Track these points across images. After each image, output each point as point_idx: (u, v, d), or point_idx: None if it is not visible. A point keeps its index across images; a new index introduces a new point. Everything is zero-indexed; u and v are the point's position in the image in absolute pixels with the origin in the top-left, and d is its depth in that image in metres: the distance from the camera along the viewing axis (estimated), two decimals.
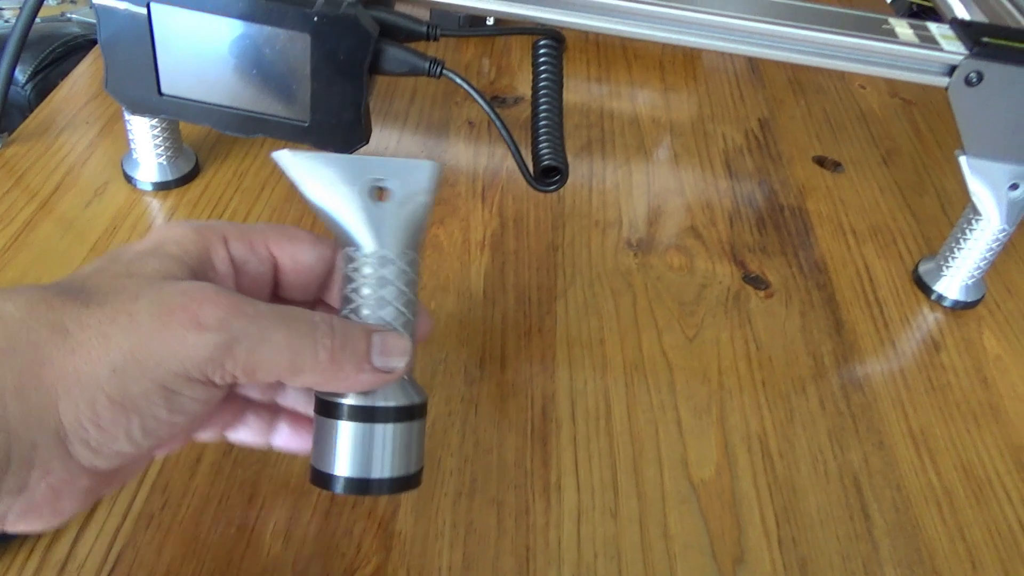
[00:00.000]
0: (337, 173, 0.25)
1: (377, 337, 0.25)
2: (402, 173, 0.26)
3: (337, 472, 0.26)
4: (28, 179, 0.47)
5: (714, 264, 0.49)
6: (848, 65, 0.42)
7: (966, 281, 0.48)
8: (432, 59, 0.38)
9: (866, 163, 0.60)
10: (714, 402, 0.41)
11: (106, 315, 0.22)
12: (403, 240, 0.26)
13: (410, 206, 0.26)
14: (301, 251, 0.27)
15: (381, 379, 0.25)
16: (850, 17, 0.42)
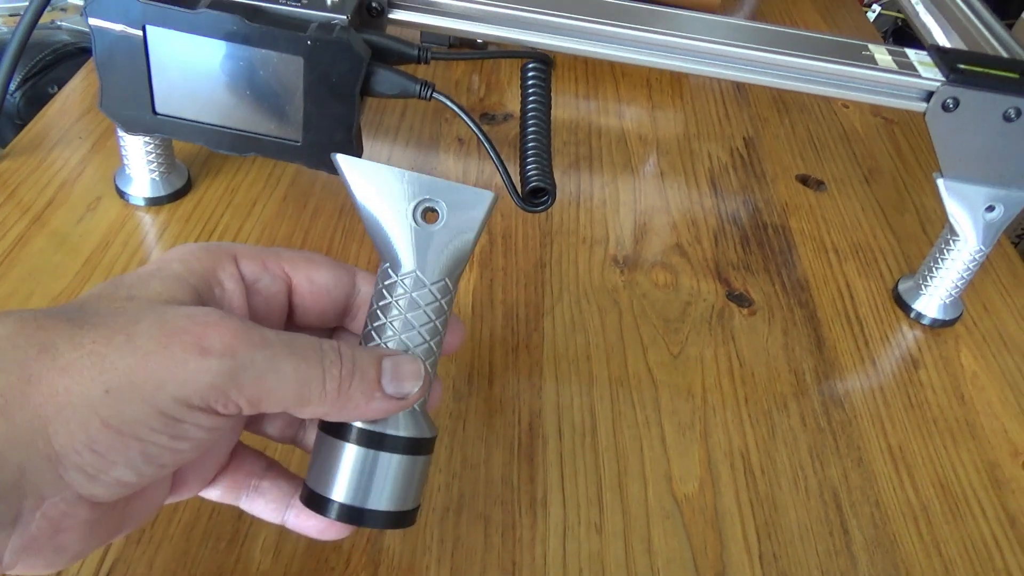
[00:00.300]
0: (391, 185, 0.25)
1: (388, 362, 0.24)
2: (456, 199, 0.25)
3: (333, 496, 0.25)
4: (21, 194, 0.47)
5: (699, 282, 0.50)
6: (829, 90, 0.43)
7: (944, 300, 0.49)
8: (423, 82, 0.39)
9: (848, 182, 0.61)
10: (698, 418, 0.42)
11: (101, 335, 0.21)
12: (441, 267, 0.26)
13: (456, 233, 0.26)
14: (318, 273, 0.26)
15: (393, 406, 0.24)
16: (831, 43, 0.43)
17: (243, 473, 0.27)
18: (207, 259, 0.24)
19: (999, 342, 0.50)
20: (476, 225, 0.26)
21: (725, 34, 0.43)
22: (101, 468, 0.21)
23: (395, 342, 0.26)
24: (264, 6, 0.37)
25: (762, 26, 0.44)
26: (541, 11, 0.42)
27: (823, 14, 0.84)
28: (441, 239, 0.25)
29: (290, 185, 0.51)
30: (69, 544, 0.22)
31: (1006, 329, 0.51)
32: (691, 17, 0.44)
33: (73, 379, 0.20)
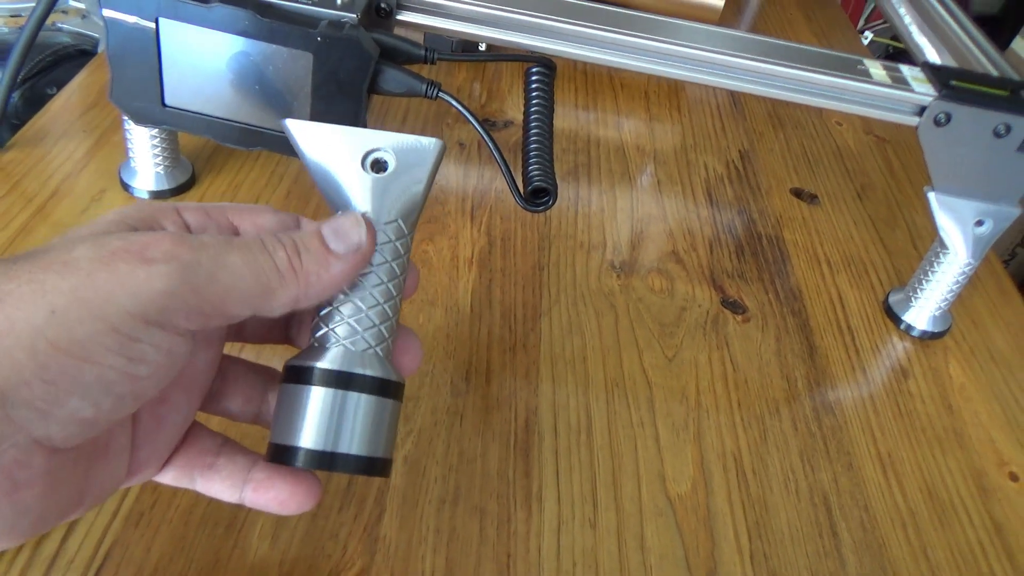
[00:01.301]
0: (341, 141, 0.26)
1: (327, 227, 0.25)
2: (403, 148, 0.26)
3: (301, 443, 0.24)
4: (24, 185, 0.47)
5: (694, 288, 0.51)
6: (824, 102, 0.44)
7: (933, 312, 0.50)
8: (429, 81, 0.40)
9: (841, 197, 0.62)
10: (691, 420, 0.42)
11: (37, 266, 0.20)
12: (393, 208, 0.26)
13: (405, 180, 0.26)
14: (262, 218, 0.26)
15: (353, 263, 0.25)
16: (827, 57, 0.44)
17: (196, 451, 0.26)
18: (147, 210, 0.24)
19: (986, 355, 0.51)
20: (426, 172, 0.27)
21: (723, 44, 0.44)
22: (54, 400, 0.19)
23: (352, 286, 0.26)
24: (275, 2, 0.38)
25: (760, 38, 0.45)
26: (545, 16, 0.43)
27: (819, 36, 0.86)
28: (392, 186, 0.26)
29: (293, 182, 0.52)
30: (31, 503, 0.20)
31: (993, 342, 0.52)
32: (690, 27, 0.45)
33: (14, 307, 0.19)
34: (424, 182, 0.27)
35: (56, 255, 0.20)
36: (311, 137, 0.26)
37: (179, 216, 0.25)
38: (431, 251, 0.49)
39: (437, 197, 0.54)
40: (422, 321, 0.45)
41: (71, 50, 1.33)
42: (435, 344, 0.43)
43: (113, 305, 0.19)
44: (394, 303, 0.27)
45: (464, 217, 0.52)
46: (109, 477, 0.23)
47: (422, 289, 0.47)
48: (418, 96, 0.40)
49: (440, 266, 0.48)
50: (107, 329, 0.19)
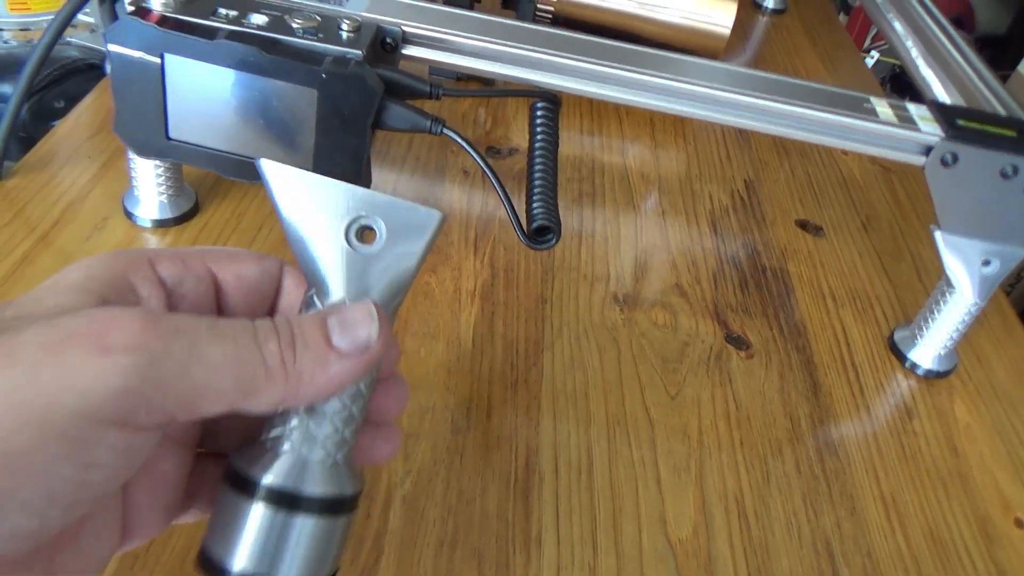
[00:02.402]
0: (323, 198, 0.22)
1: (334, 318, 0.21)
2: (396, 217, 0.23)
3: (234, 566, 0.21)
4: (28, 212, 0.47)
5: (697, 322, 0.50)
6: (831, 140, 0.44)
7: (939, 351, 0.50)
8: (433, 117, 0.40)
9: (846, 228, 0.62)
10: (693, 460, 0.42)
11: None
12: (373, 292, 0.23)
13: (396, 258, 0.23)
14: (244, 267, 0.24)
15: (356, 365, 0.21)
16: (834, 94, 0.44)
17: (206, 499, 0.24)
18: (116, 265, 0.21)
19: (991, 394, 0.50)
20: (419, 249, 0.23)
21: (729, 81, 0.43)
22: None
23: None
24: (281, 39, 0.38)
25: (765, 75, 0.45)
26: (549, 52, 0.43)
27: (824, 60, 0.86)
28: (378, 264, 0.23)
29: None
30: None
31: (998, 381, 0.51)
32: (696, 63, 0.45)
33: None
34: (416, 260, 0.23)
35: (3, 339, 0.17)
36: (289, 186, 0.23)
37: (152, 270, 0.22)
38: (434, 283, 0.49)
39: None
40: (423, 355, 0.44)
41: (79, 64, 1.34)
42: (436, 379, 0.43)
43: (59, 408, 0.17)
44: (363, 403, 0.23)
45: (467, 248, 0.52)
46: (88, 558, 0.21)
47: (424, 322, 0.46)
48: (423, 132, 0.40)
49: (443, 298, 0.48)
50: (52, 436, 0.17)
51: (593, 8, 0.67)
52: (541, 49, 0.43)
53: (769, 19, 0.93)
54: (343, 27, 0.39)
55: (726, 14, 0.67)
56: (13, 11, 1.32)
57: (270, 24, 0.38)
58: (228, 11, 0.38)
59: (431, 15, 0.42)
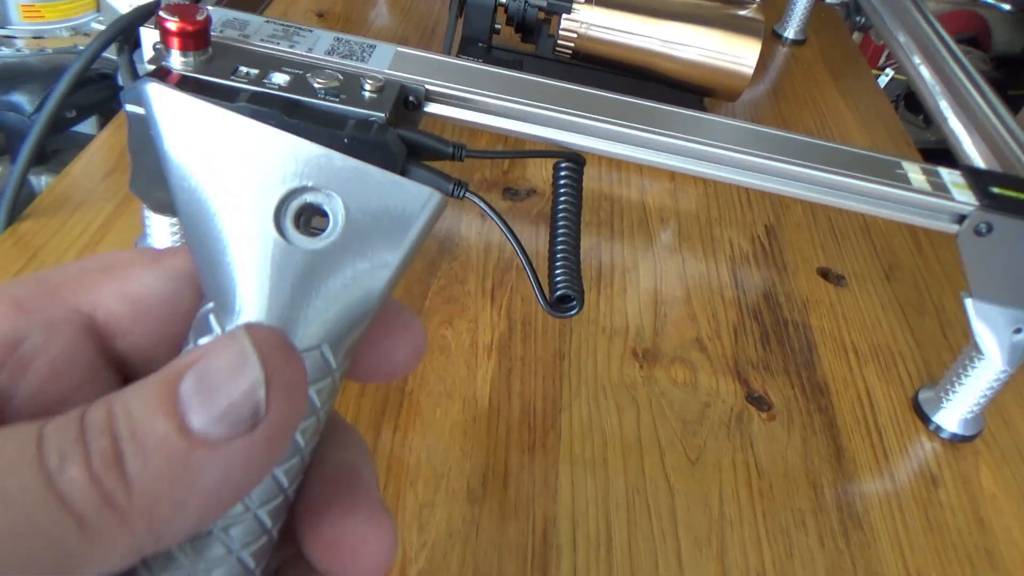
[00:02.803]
0: (242, 149, 0.14)
1: (188, 379, 0.13)
2: (365, 196, 0.14)
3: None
4: (42, 258, 0.47)
5: (718, 380, 0.49)
6: (861, 207, 0.43)
7: (965, 415, 0.49)
8: (456, 181, 0.39)
9: (869, 278, 0.61)
10: (714, 533, 0.41)
11: None
12: (320, 321, 0.14)
13: (357, 261, 0.15)
14: (133, 280, 0.16)
15: (249, 451, 0.13)
16: (864, 159, 0.43)
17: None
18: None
19: (1018, 459, 0.49)
20: (400, 252, 0.15)
21: (759, 145, 0.42)
22: None
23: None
24: (304, 100, 0.37)
25: (795, 137, 0.44)
26: (576, 113, 0.42)
27: (844, 96, 0.84)
28: (328, 268, 0.14)
29: None
30: None
31: None
32: (725, 124, 0.44)
33: None
34: (392, 270, 0.15)
35: None
36: (186, 124, 0.14)
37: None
38: (450, 336, 0.48)
39: (457, 275, 0.52)
40: (439, 416, 0.44)
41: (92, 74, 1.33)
42: (452, 443, 0.42)
43: None
44: (292, 490, 0.16)
45: (484, 298, 0.51)
46: None
47: (440, 380, 0.45)
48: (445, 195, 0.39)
49: (459, 353, 0.47)
50: None
51: (614, 45, 0.66)
52: (567, 109, 0.42)
53: (789, 50, 0.92)
54: (366, 87, 0.38)
55: (750, 53, 0.66)
56: (27, 19, 1.32)
57: (292, 84, 0.37)
58: (249, 70, 0.38)
59: (455, 72, 0.41)
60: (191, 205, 0.15)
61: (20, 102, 1.33)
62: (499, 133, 0.43)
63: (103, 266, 0.16)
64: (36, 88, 1.37)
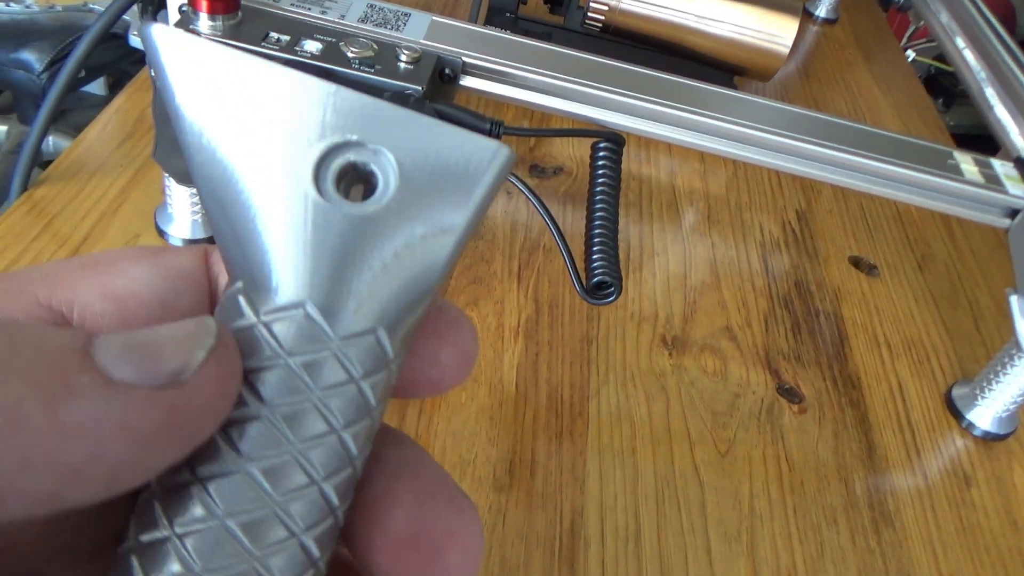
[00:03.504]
0: (271, 97, 0.12)
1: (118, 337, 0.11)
2: (420, 150, 0.12)
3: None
4: (58, 225, 0.45)
5: (748, 371, 0.48)
6: (908, 197, 0.41)
7: (1000, 413, 0.47)
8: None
9: (901, 268, 0.59)
10: (744, 529, 0.40)
11: None
12: (372, 301, 0.12)
13: (415, 227, 0.12)
14: (121, 277, 0.14)
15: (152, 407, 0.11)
16: (915, 147, 0.41)
17: None
18: None
19: None
20: (467, 212, 0.12)
21: (802, 128, 0.41)
22: None
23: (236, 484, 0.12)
24: (338, 70, 0.35)
25: (843, 122, 0.42)
26: (611, 89, 0.40)
27: (878, 81, 0.82)
28: (380, 236, 0.12)
29: None
30: None
31: None
32: (772, 107, 0.42)
33: None
34: (456, 236, 0.13)
35: None
36: (200, 72, 0.12)
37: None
38: (476, 318, 0.47)
39: (483, 254, 0.51)
40: (464, 400, 0.42)
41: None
42: (478, 429, 0.41)
43: None
44: (343, 511, 0.13)
45: (511, 279, 0.50)
46: None
47: None
48: None
49: (485, 337, 0.46)
50: None
51: (646, 19, 0.64)
52: (605, 86, 0.40)
53: (820, 29, 0.90)
54: (401, 58, 0.36)
55: (787, 32, 0.64)
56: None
57: (324, 53, 0.36)
58: (280, 36, 0.36)
59: (493, 44, 0.40)
60: (210, 167, 0.12)
61: (29, 60, 1.31)
62: (528, 107, 0.41)
63: (88, 262, 0.14)
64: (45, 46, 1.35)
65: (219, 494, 0.12)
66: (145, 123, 0.53)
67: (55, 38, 1.31)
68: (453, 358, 0.15)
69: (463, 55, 0.39)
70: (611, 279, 0.37)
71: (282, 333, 0.12)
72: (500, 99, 0.41)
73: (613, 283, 0.37)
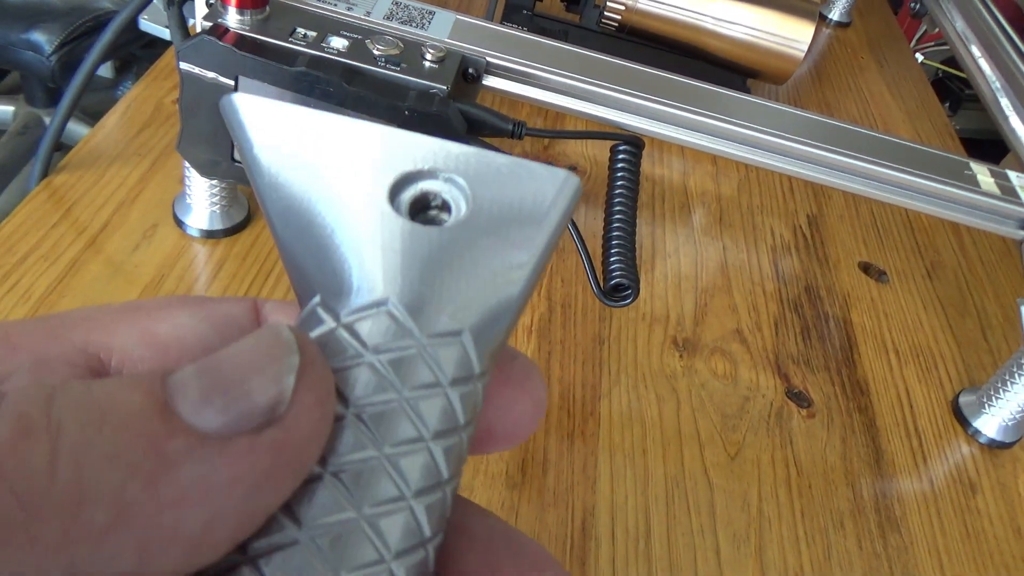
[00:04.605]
0: (347, 150, 0.13)
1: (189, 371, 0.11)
2: (488, 181, 0.13)
3: None
4: (76, 213, 0.45)
5: (758, 375, 0.49)
6: (923, 206, 0.41)
7: (1006, 422, 0.48)
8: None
9: (910, 275, 0.60)
10: (753, 531, 0.41)
11: None
12: (455, 304, 0.12)
13: (493, 248, 0.13)
14: (164, 323, 0.13)
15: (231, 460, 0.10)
16: (932, 157, 0.42)
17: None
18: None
19: None
20: (546, 234, 0.13)
21: (829, 139, 0.41)
22: None
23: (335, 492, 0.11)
24: (363, 68, 0.36)
25: (856, 129, 0.43)
26: (639, 95, 0.41)
27: (890, 86, 0.82)
28: (458, 246, 0.13)
29: None
30: None
31: None
32: (791, 113, 0.43)
33: None
34: (537, 255, 0.13)
35: None
36: (280, 131, 0.13)
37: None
38: None
39: None
40: None
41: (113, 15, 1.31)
42: None
43: None
44: (434, 545, 0.13)
45: None
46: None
47: None
48: None
49: None
50: None
51: (663, 20, 0.64)
52: (626, 89, 0.40)
53: (833, 32, 0.90)
54: (427, 57, 0.37)
55: (803, 36, 0.64)
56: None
57: (351, 51, 0.36)
58: (307, 32, 0.36)
59: (516, 44, 0.40)
60: (286, 206, 0.13)
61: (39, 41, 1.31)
62: (545, 107, 0.42)
63: (131, 307, 0.13)
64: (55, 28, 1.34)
65: (301, 510, 0.11)
66: (163, 113, 0.53)
67: (65, 20, 1.30)
68: (528, 407, 0.15)
69: (487, 55, 0.39)
70: (629, 282, 0.37)
71: (365, 331, 0.12)
72: (519, 99, 0.41)
73: (631, 286, 0.38)
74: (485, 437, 0.15)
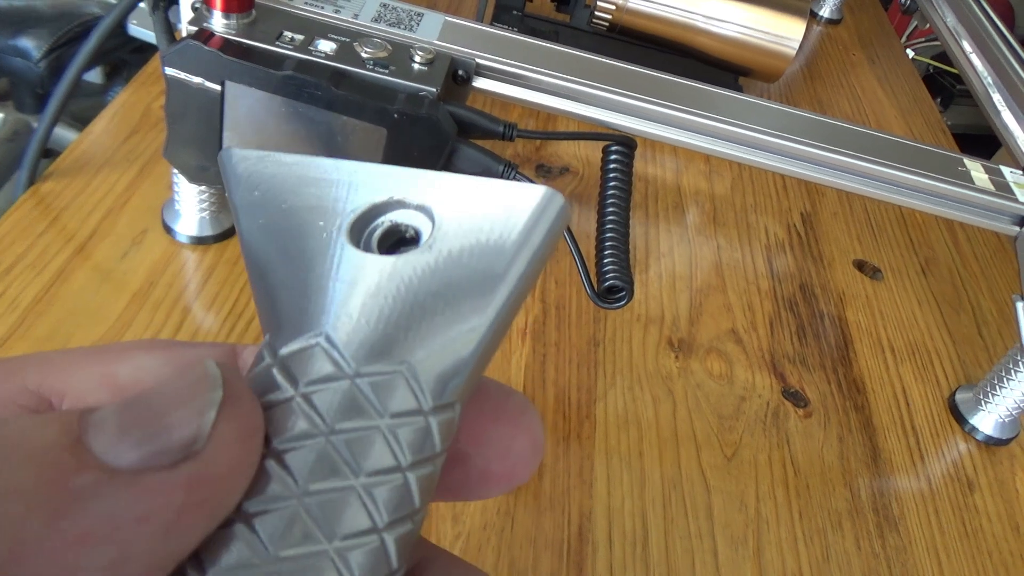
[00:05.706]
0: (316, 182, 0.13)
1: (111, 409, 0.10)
2: (460, 205, 0.12)
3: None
4: (64, 220, 0.45)
5: (754, 374, 0.48)
6: (917, 203, 0.41)
7: (1003, 419, 0.48)
8: (506, 163, 0.37)
9: (905, 272, 0.59)
10: (751, 532, 0.40)
11: None
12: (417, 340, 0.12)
13: (465, 277, 0.12)
14: (126, 365, 0.13)
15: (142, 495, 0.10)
16: (926, 154, 0.42)
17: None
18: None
19: None
20: (521, 263, 0.12)
21: (821, 136, 0.41)
22: None
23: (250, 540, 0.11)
24: (352, 71, 0.35)
25: (849, 126, 0.43)
26: (630, 95, 0.40)
27: (882, 83, 0.82)
28: (411, 282, 0.12)
29: None
30: None
31: None
32: (788, 113, 0.42)
33: None
34: (511, 285, 0.12)
35: None
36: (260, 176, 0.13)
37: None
38: None
39: None
40: None
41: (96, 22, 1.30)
42: None
43: None
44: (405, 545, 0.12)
45: None
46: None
47: None
48: (494, 176, 0.37)
49: None
50: None
51: (654, 19, 0.64)
52: (618, 90, 0.40)
53: (824, 29, 0.90)
54: (415, 59, 0.36)
55: (794, 34, 0.64)
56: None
57: (339, 53, 0.35)
58: (294, 35, 0.36)
59: (507, 46, 0.40)
60: (255, 249, 0.13)
61: (27, 47, 1.30)
62: (536, 109, 0.41)
63: (94, 350, 0.13)
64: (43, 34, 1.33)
65: (264, 530, 0.11)
66: (151, 118, 0.52)
67: (53, 25, 1.29)
68: (526, 447, 0.14)
69: (476, 56, 0.38)
70: (623, 283, 0.37)
71: (297, 367, 0.12)
72: (510, 100, 0.41)
73: (625, 287, 0.37)
74: (482, 479, 0.14)
